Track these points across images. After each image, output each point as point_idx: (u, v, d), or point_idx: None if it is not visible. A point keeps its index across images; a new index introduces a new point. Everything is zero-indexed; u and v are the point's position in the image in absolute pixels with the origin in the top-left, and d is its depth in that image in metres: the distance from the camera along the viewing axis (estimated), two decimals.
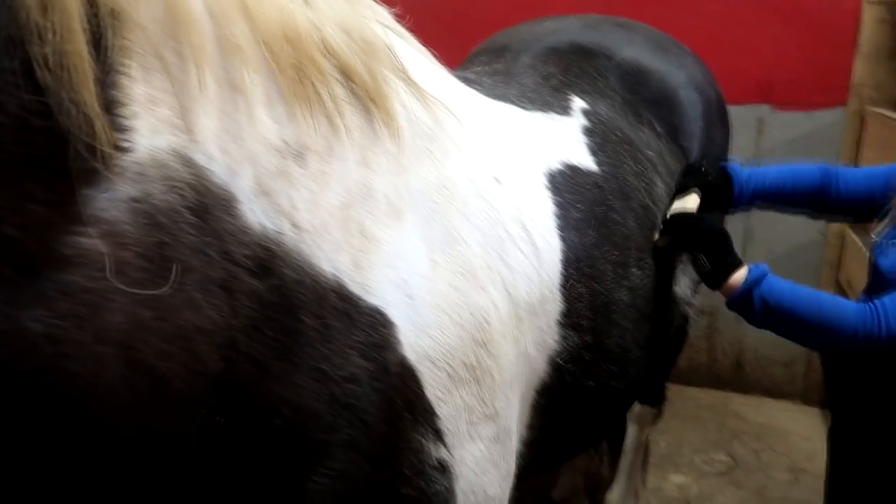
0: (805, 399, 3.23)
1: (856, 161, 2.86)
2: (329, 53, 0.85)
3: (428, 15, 3.33)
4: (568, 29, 1.71)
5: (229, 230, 0.73)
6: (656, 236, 1.39)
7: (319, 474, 0.80)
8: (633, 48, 1.68)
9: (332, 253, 0.82)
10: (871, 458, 1.43)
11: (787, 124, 3.02)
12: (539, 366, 1.13)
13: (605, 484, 2.47)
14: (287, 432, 0.78)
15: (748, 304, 1.28)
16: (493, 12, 3.19)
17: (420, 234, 0.93)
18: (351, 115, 0.87)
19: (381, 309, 0.86)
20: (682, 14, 3.00)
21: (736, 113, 2.99)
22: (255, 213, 0.76)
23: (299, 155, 0.80)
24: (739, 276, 1.29)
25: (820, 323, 1.23)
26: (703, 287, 3.26)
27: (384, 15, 1.05)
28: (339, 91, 0.85)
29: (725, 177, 1.52)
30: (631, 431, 2.33)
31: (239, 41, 0.75)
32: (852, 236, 2.81)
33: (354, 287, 0.84)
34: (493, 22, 2.17)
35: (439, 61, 1.22)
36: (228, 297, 0.72)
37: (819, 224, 3.05)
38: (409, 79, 0.97)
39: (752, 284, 1.26)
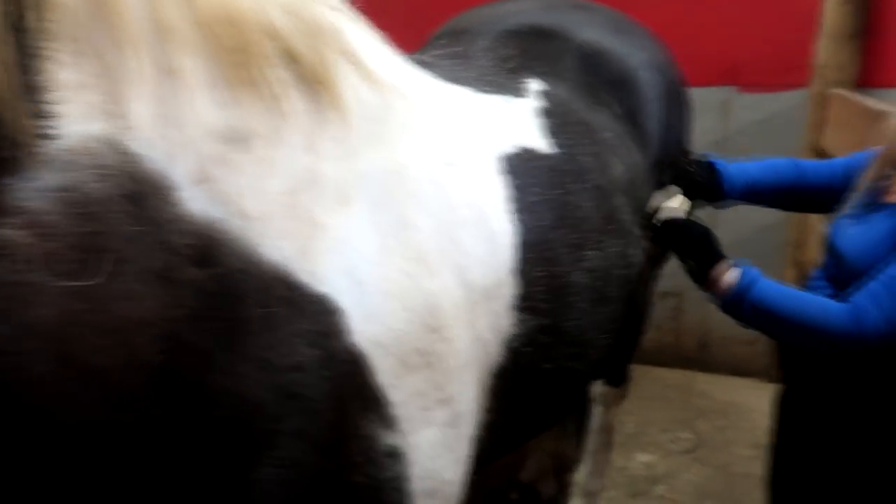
0: (768, 376, 3.30)
1: (819, 141, 2.90)
2: (274, 36, 0.83)
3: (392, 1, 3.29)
4: (527, 11, 1.70)
5: (168, 218, 0.71)
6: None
7: (266, 464, 0.79)
8: (592, 30, 1.67)
9: (278, 240, 0.81)
10: (816, 424, 1.47)
11: (753, 106, 3.05)
12: (495, 350, 1.13)
13: (572, 464, 2.50)
14: (231, 423, 0.77)
15: (739, 307, 1.32)
16: None
17: (370, 219, 0.92)
18: (297, 100, 0.85)
19: (330, 296, 0.85)
20: None
21: (702, 95, 3.01)
22: (197, 201, 0.74)
23: (243, 140, 0.78)
24: (730, 279, 1.33)
25: (806, 325, 1.27)
26: (670, 269, 3.29)
27: None
28: (285, 74, 0.84)
29: (712, 173, 1.52)
30: (597, 412, 2.35)
31: (175, 23, 0.73)
32: (813, 218, 2.85)
33: (302, 275, 0.83)
34: (455, 5, 2.14)
35: (392, 44, 1.20)
36: (168, 287, 0.71)
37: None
38: (359, 62, 0.96)
39: (743, 290, 1.30)
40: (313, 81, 0.87)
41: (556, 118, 1.40)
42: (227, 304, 0.76)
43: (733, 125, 3.09)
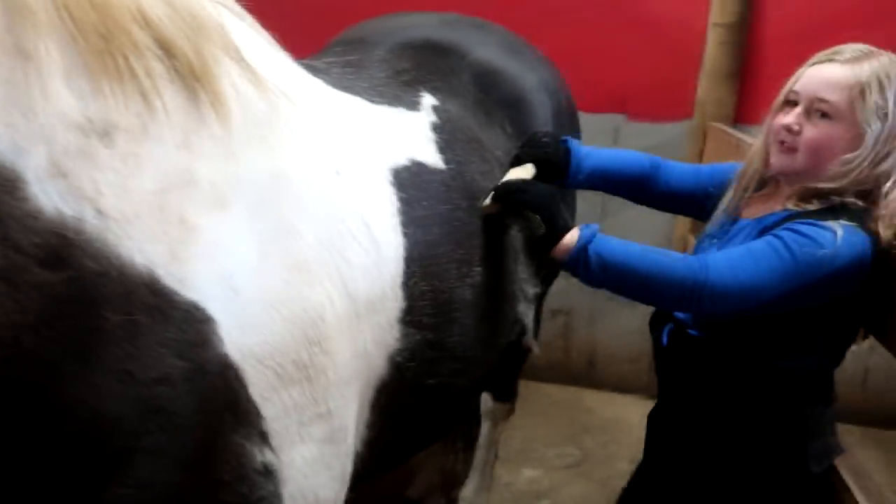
0: (649, 393, 3.44)
1: None
2: (146, 24, 0.78)
3: (296, 2, 3.23)
4: (424, 25, 1.71)
5: (14, 214, 0.65)
6: (487, 201, 1.37)
7: (121, 484, 0.73)
8: (487, 49, 1.70)
9: (144, 243, 0.75)
10: (681, 439, 1.53)
11: (640, 134, 3.21)
12: (379, 364, 1.11)
13: (460, 480, 2.50)
14: (83, 439, 0.70)
15: (584, 262, 1.28)
16: (356, 4, 3.14)
17: (249, 224, 0.88)
18: (171, 94, 0.80)
19: (200, 304, 0.80)
20: (544, 22, 3.10)
21: (594, 121, 3.15)
22: (49, 196, 0.68)
23: (105, 134, 0.73)
24: (573, 236, 1.29)
25: (650, 275, 1.26)
26: (559, 288, 3.37)
27: None
28: (157, 67, 0.79)
29: (565, 151, 1.53)
30: (484, 428, 2.37)
31: (29, 2, 0.66)
32: (693, 241, 3.03)
33: (170, 280, 0.78)
34: (355, 13, 2.13)
35: (287, 48, 1.17)
36: (11, 289, 0.64)
37: (666, 229, 3.27)
38: (244, 61, 0.92)
39: (585, 242, 1.27)
40: (191, 77, 0.83)
41: (448, 134, 1.41)
42: (81, 310, 0.70)
43: None
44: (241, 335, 0.83)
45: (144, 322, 0.75)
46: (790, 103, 1.34)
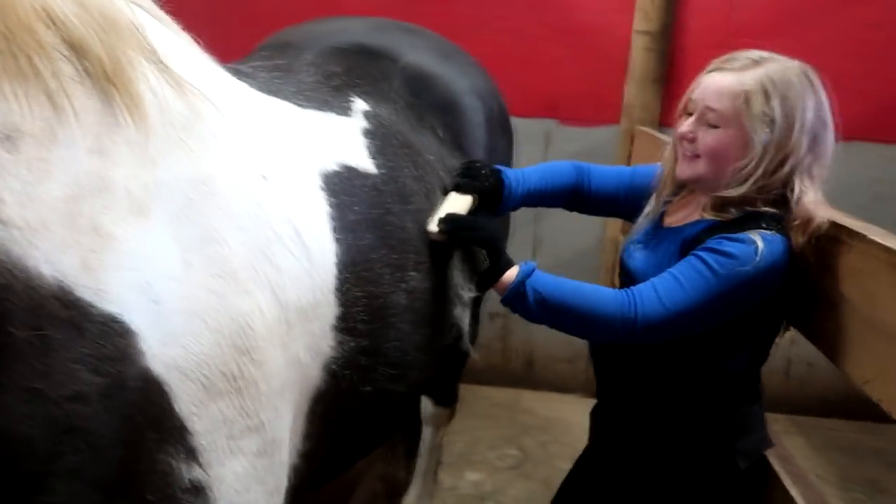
0: (587, 392, 3.51)
1: None
2: (52, 23, 0.74)
3: (225, 8, 3.16)
4: (354, 30, 1.69)
5: None
6: (433, 228, 1.39)
7: None
8: (418, 53, 1.69)
9: (53, 253, 0.71)
10: (619, 437, 1.57)
11: (571, 138, 3.28)
12: (313, 373, 1.08)
13: (402, 487, 2.48)
14: None
15: (522, 298, 1.32)
16: (285, 8, 3.10)
17: (171, 232, 0.84)
18: (82, 97, 0.76)
19: (118, 316, 0.76)
20: (475, 30, 3.13)
21: (527, 126, 3.19)
22: None
23: (8, 138, 0.68)
24: (512, 272, 1.34)
25: (584, 311, 1.31)
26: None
27: None
28: (66, 68, 0.75)
29: (498, 180, 1.57)
30: (426, 433, 2.36)
31: None
32: (623, 241, 3.10)
33: (84, 292, 0.74)
34: (283, 18, 2.09)
35: (213, 52, 1.13)
36: None
37: (598, 231, 3.34)
38: (161, 63, 0.88)
39: (523, 278, 1.32)
40: (102, 78, 0.79)
41: (379, 138, 1.39)
42: None
43: (554, 155, 3.29)
44: (163, 347, 0.80)
45: (56, 337, 0.70)
46: (689, 111, 1.38)
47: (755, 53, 1.35)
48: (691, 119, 1.36)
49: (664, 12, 3.05)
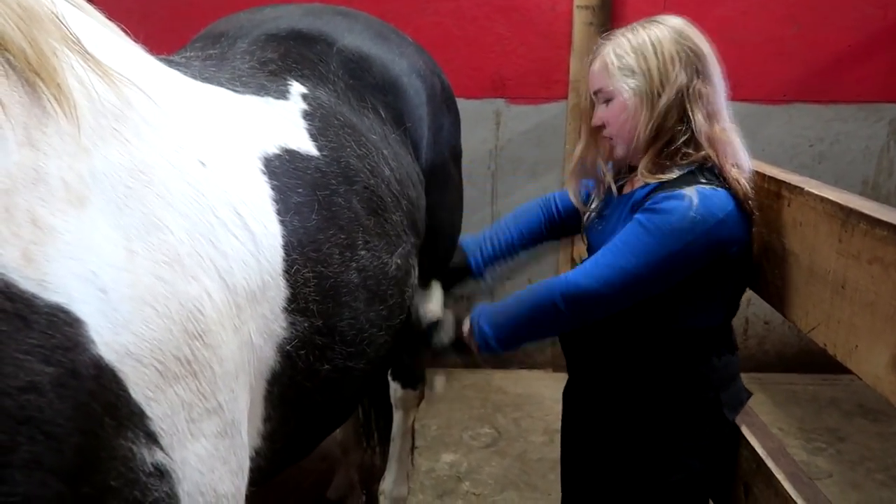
0: (554, 367, 3.57)
1: None
2: None
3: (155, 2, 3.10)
4: (288, 16, 1.68)
5: None
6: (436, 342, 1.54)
7: None
8: (354, 35, 1.69)
9: None
10: (595, 410, 1.59)
11: (520, 117, 3.31)
12: (267, 354, 1.09)
13: (378, 474, 2.50)
14: None
15: (485, 340, 1.44)
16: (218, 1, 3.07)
17: (112, 221, 0.84)
18: (6, 90, 0.76)
19: (65, 306, 0.76)
20: (417, 12, 3.14)
21: (476, 106, 3.22)
22: None
23: None
24: (467, 325, 1.48)
25: (526, 311, 1.41)
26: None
27: None
28: None
29: (462, 254, 1.67)
30: (397, 417, 2.38)
31: None
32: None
33: (27, 284, 0.74)
34: (227, 10, 2.07)
35: (144, 46, 1.13)
36: None
37: None
38: (87, 53, 0.88)
39: (476, 317, 1.45)
40: (29, 71, 0.78)
41: (319, 120, 1.39)
42: None
43: (505, 134, 3.33)
44: (114, 335, 0.80)
45: (2, 329, 0.70)
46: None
47: (614, 32, 1.49)
48: (596, 110, 1.50)
49: None
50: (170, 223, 0.91)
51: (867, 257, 1.15)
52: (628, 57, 1.40)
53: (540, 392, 3.45)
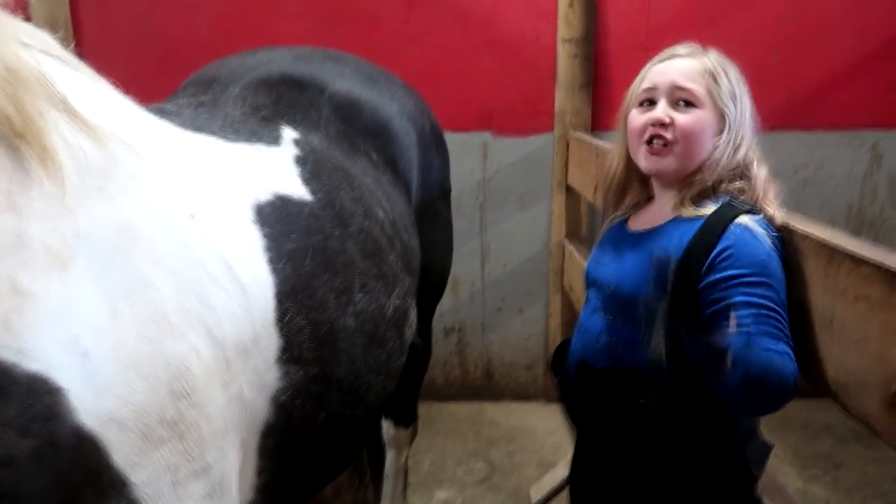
0: (547, 398, 3.55)
1: (565, 178, 3.23)
2: None
3: (144, 43, 3.11)
4: (279, 61, 1.69)
5: None
6: None
7: None
8: (345, 80, 1.70)
9: None
10: (612, 481, 1.42)
11: (507, 149, 3.33)
12: (260, 407, 1.07)
13: None
14: None
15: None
16: (215, 41, 3.08)
17: (96, 283, 0.83)
18: None
19: (44, 374, 0.74)
20: (403, 48, 3.17)
21: (463, 139, 3.24)
22: None
23: None
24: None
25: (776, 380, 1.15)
26: (450, 305, 3.41)
27: (42, 39, 0.93)
28: None
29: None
30: (390, 456, 2.34)
31: None
32: (569, 246, 3.16)
33: (6, 353, 0.72)
34: (216, 51, 2.08)
35: (125, 90, 1.12)
36: None
37: (543, 237, 3.40)
38: (73, 111, 0.87)
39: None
40: (12, 135, 0.77)
41: (312, 164, 1.39)
42: None
43: (492, 166, 3.34)
44: (96, 401, 0.78)
45: None
46: (645, 104, 1.34)
47: (689, 44, 1.35)
48: (661, 104, 1.30)
49: (585, 19, 3.13)
50: (156, 280, 0.90)
51: (853, 294, 1.15)
52: (736, 86, 1.30)
53: (533, 424, 3.41)
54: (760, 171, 1.31)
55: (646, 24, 3.22)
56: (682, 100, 1.29)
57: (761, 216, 1.25)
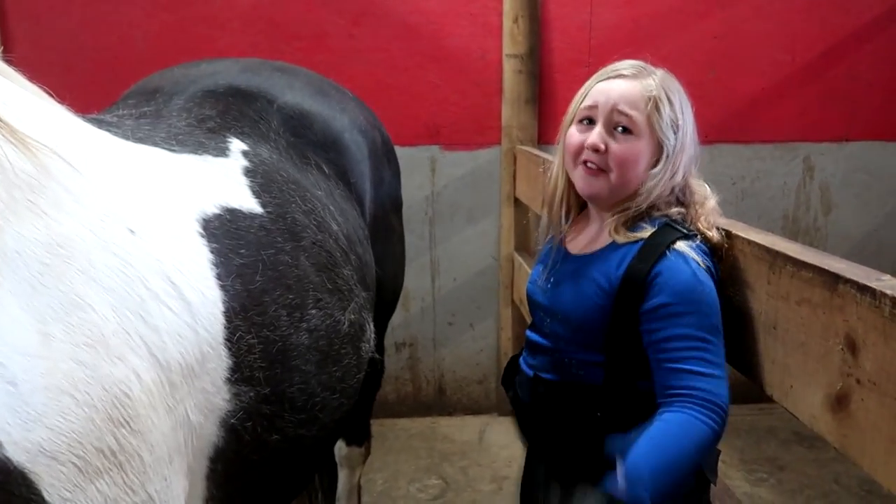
0: (500, 411, 3.54)
1: (513, 191, 3.25)
2: None
3: (77, 56, 3.00)
4: (225, 72, 1.63)
5: None
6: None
7: None
8: (295, 92, 1.66)
9: None
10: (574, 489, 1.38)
11: (455, 163, 3.33)
12: (208, 431, 1.02)
13: None
14: None
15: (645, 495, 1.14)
16: (153, 55, 2.99)
17: (24, 303, 0.77)
18: None
19: None
20: (348, 63, 3.14)
21: (411, 154, 3.23)
22: None
23: None
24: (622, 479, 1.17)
25: (694, 458, 1.19)
26: (402, 320, 3.38)
27: None
28: None
29: None
30: (342, 476, 2.29)
31: None
32: (519, 259, 3.17)
33: None
34: (153, 65, 2.01)
35: (61, 101, 1.06)
36: None
37: (492, 250, 3.41)
38: (1, 121, 0.81)
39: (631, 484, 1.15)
40: None
41: (262, 176, 1.34)
42: None
43: (441, 180, 3.34)
44: (25, 433, 0.72)
45: None
46: (585, 122, 1.31)
47: (636, 62, 1.32)
48: (597, 129, 1.28)
49: (530, 36, 3.18)
50: (92, 300, 0.84)
51: (796, 299, 1.18)
52: (679, 113, 1.27)
53: (487, 438, 3.40)
54: (699, 192, 1.31)
55: (587, 41, 3.29)
56: (621, 125, 1.26)
57: (698, 240, 1.26)
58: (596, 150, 1.27)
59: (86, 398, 0.79)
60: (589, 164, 1.29)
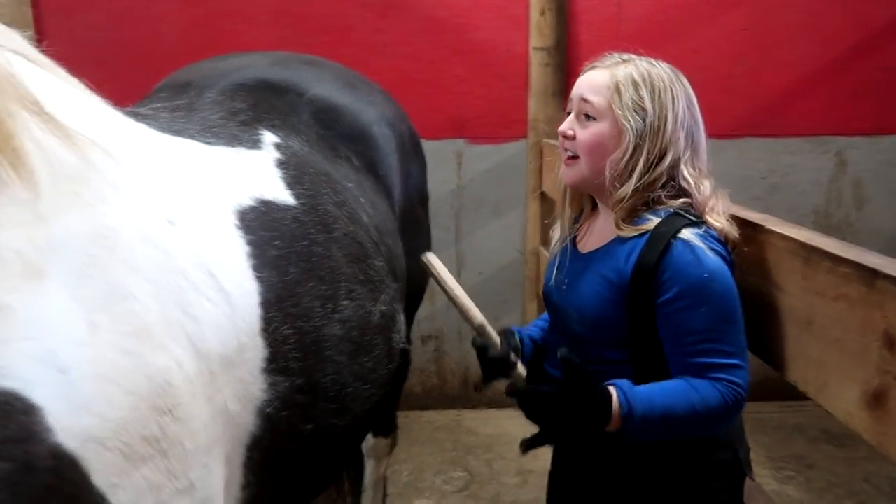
0: None
1: (539, 185, 3.24)
2: None
3: (107, 50, 3.04)
4: (255, 66, 1.65)
5: None
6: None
7: None
8: (324, 85, 1.67)
9: None
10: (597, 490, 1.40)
11: (481, 156, 3.33)
12: (245, 420, 1.03)
13: None
14: None
15: (636, 430, 1.17)
16: (181, 49, 3.02)
17: (72, 294, 0.79)
18: None
19: (19, 392, 0.70)
20: (376, 56, 3.15)
21: (437, 147, 3.22)
22: None
23: None
24: (616, 412, 1.17)
25: (694, 417, 1.19)
26: (428, 313, 3.37)
27: (12, 38, 0.89)
28: None
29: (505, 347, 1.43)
30: (368, 466, 2.30)
31: None
32: (545, 253, 3.16)
33: None
34: (182, 59, 2.03)
35: (105, 96, 1.08)
36: None
37: (518, 244, 3.40)
38: (46, 114, 0.83)
39: (627, 415, 1.16)
40: None
41: (294, 168, 1.36)
42: None
43: (467, 174, 3.34)
44: (75, 419, 0.74)
45: None
46: (568, 115, 1.35)
47: (625, 54, 1.34)
48: (570, 117, 1.33)
49: (557, 28, 3.16)
50: (135, 290, 0.86)
51: (832, 294, 1.16)
52: (647, 98, 1.27)
53: (511, 431, 3.39)
54: (703, 185, 1.29)
55: (616, 33, 3.25)
56: (585, 112, 1.30)
57: (704, 228, 1.25)
58: (565, 136, 1.32)
59: (131, 386, 0.80)
60: (567, 153, 1.33)
